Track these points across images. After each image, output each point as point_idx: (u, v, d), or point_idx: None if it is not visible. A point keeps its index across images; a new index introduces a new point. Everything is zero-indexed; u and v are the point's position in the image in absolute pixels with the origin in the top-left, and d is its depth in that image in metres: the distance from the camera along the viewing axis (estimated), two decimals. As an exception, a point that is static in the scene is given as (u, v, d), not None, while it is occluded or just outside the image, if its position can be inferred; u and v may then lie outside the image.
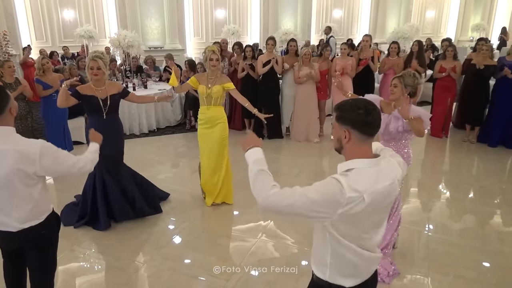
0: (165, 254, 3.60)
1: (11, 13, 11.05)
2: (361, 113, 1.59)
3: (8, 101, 2.10)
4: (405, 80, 3.20)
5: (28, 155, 2.04)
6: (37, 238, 2.23)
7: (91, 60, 3.67)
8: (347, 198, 1.52)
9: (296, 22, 14.54)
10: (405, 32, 9.86)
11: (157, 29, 12.34)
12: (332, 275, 1.69)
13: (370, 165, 1.62)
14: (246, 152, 1.78)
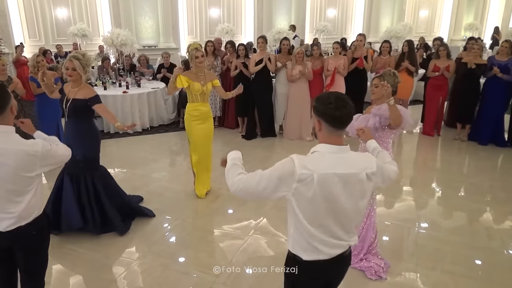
0: (157, 251, 3.63)
1: (3, 11, 11.00)
2: (331, 107, 1.74)
3: (9, 99, 2.10)
4: (385, 79, 3.18)
5: (30, 153, 2.06)
6: (27, 239, 2.21)
7: (67, 60, 3.56)
8: (299, 174, 1.71)
9: (290, 21, 14.56)
10: (398, 31, 9.92)
11: (151, 28, 12.33)
12: (294, 246, 1.89)
13: (332, 151, 1.79)
14: (227, 156, 2.06)
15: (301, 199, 1.76)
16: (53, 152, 2.19)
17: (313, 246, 1.83)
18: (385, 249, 3.68)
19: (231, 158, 2.01)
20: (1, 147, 2.03)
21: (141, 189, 4.85)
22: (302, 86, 6.70)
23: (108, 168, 5.71)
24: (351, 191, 1.79)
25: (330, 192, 1.75)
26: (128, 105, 7.21)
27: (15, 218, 2.12)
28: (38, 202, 2.24)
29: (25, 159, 2.06)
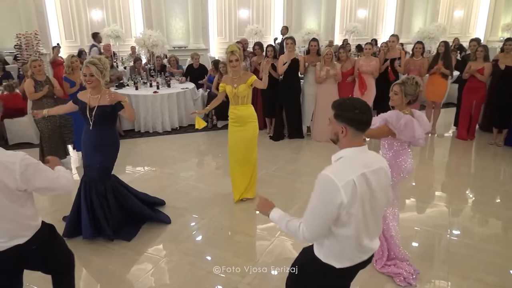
0: (184, 250, 3.67)
1: (42, 13, 11.45)
2: (357, 112, 1.85)
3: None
4: (406, 88, 3.08)
5: (8, 166, 1.92)
6: (30, 255, 2.15)
7: (85, 66, 3.41)
8: (342, 187, 1.75)
9: (320, 22, 14.46)
10: (431, 32, 9.66)
11: (181, 29, 12.54)
12: (326, 256, 1.94)
13: (359, 152, 1.89)
14: (269, 216, 2.12)
15: (350, 210, 1.79)
16: (39, 172, 2.02)
17: (350, 254, 1.91)
18: (414, 255, 3.59)
19: (278, 218, 2.06)
20: None
21: (169, 188, 4.93)
22: (330, 88, 6.63)
23: (137, 166, 5.89)
24: (382, 184, 1.91)
25: (370, 190, 1.84)
26: (158, 105, 7.34)
27: (9, 236, 2.04)
28: (31, 218, 2.13)
29: (2, 173, 1.91)
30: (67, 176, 2.20)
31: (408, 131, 3.00)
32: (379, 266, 3.34)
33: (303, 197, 4.68)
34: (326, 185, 1.77)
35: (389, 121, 3.05)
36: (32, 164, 2.00)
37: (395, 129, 3.03)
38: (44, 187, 2.07)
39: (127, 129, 7.50)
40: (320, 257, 1.96)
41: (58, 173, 2.16)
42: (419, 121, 3.10)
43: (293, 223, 1.94)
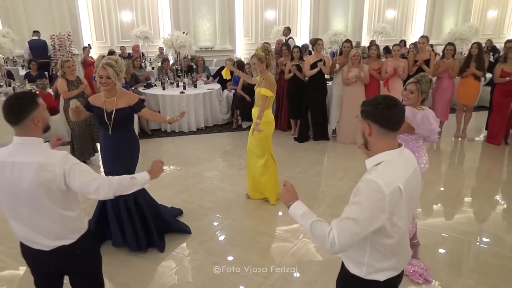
0: (208, 249, 3.70)
1: (74, 15, 11.81)
2: (380, 107, 1.66)
3: (32, 109, 1.92)
4: (422, 86, 3.09)
5: (48, 167, 1.89)
6: (73, 259, 2.10)
7: (101, 67, 3.22)
8: (388, 195, 1.58)
9: (347, 22, 14.31)
10: (463, 33, 9.37)
11: (208, 30, 12.66)
12: (369, 273, 1.76)
13: (397, 155, 1.70)
14: (288, 209, 1.82)
15: (393, 218, 1.63)
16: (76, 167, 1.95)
17: (393, 263, 1.76)
18: (441, 262, 3.50)
19: (300, 215, 1.75)
20: (20, 161, 1.90)
21: (194, 187, 4.99)
22: (357, 89, 6.55)
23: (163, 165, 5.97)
24: (417, 186, 1.80)
25: (411, 196, 1.71)
26: (185, 105, 7.44)
27: (54, 236, 2.01)
28: (78, 220, 2.11)
29: (43, 172, 1.89)
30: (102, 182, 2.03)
31: (425, 124, 3.04)
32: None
33: (327, 200, 4.64)
34: (373, 192, 1.59)
35: (406, 117, 2.98)
36: (72, 165, 1.94)
37: (413, 123, 3.04)
38: (78, 189, 2.01)
39: (154, 128, 7.64)
40: (362, 276, 1.77)
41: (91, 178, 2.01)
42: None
43: (321, 225, 1.65)
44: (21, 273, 3.34)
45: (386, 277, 1.76)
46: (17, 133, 1.95)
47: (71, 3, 11.67)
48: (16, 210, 1.98)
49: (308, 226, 1.69)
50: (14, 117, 1.91)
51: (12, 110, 1.91)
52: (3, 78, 7.66)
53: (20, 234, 2.06)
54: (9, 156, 1.93)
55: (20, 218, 2.00)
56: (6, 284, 3.22)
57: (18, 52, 10.35)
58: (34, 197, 1.91)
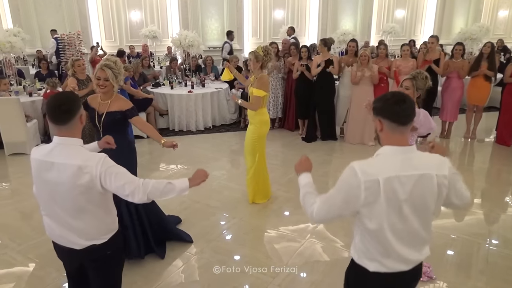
0: (215, 248, 3.71)
1: (84, 14, 11.91)
2: (390, 102, 1.70)
3: (79, 107, 1.95)
4: (417, 82, 3.11)
5: (85, 170, 1.89)
6: (102, 259, 2.10)
7: (99, 69, 3.11)
8: (364, 183, 1.64)
9: (356, 22, 14.24)
10: (473, 33, 9.27)
11: (216, 30, 12.68)
12: (360, 258, 1.82)
13: (396, 153, 1.71)
14: (298, 177, 2.03)
15: (371, 208, 1.68)
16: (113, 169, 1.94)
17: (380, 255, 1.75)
18: (450, 264, 3.47)
19: (303, 185, 1.95)
20: (59, 162, 1.91)
21: (201, 186, 4.95)
22: (366, 89, 6.51)
23: (171, 164, 6.01)
24: (423, 192, 1.68)
25: (404, 195, 1.66)
26: (193, 104, 7.46)
27: (87, 236, 2.02)
28: (111, 220, 2.12)
29: (81, 174, 1.89)
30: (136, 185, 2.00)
31: (426, 123, 3.06)
32: None
33: (334, 200, 4.62)
34: (349, 177, 1.69)
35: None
36: (109, 167, 1.93)
37: (416, 124, 3.00)
38: (114, 191, 2.00)
39: (162, 127, 7.67)
40: (355, 258, 1.84)
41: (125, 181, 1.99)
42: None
43: (310, 198, 1.84)
44: (30, 270, 3.37)
45: (375, 269, 1.76)
46: (60, 133, 1.94)
47: (81, 2, 11.78)
48: (51, 208, 2.00)
49: (302, 195, 1.89)
50: (65, 116, 1.90)
51: (61, 109, 1.89)
52: (14, 77, 7.74)
53: (52, 232, 2.07)
54: (49, 155, 1.94)
55: (54, 217, 2.01)
56: (15, 280, 3.26)
57: (29, 51, 10.47)
58: (71, 198, 1.92)
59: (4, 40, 7.04)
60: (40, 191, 2.01)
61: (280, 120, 7.69)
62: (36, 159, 1.99)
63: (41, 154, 1.97)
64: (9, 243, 3.79)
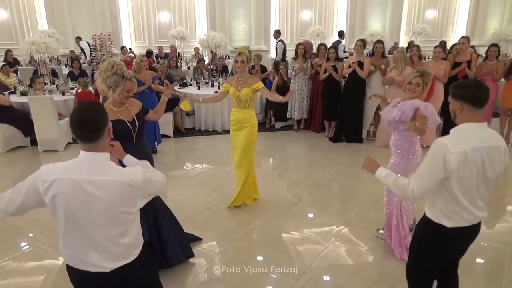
0: (238, 248, 3.72)
1: (115, 16, 12.22)
2: (472, 90, 2.07)
3: (106, 123, 1.80)
4: (426, 79, 3.32)
5: (131, 184, 1.79)
6: (133, 274, 1.96)
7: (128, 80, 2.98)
8: (454, 153, 1.99)
9: (385, 23, 14.00)
10: (509, 33, 8.95)
11: (243, 30, 12.75)
12: (439, 218, 2.17)
13: (476, 127, 2.10)
14: (374, 174, 2.39)
15: (458, 175, 2.03)
16: (153, 179, 1.91)
17: (459, 212, 2.12)
18: (480, 272, 3.36)
19: (384, 175, 2.31)
20: (95, 179, 1.74)
21: (226, 186, 5.03)
22: (400, 92, 6.35)
23: (196, 163, 6.07)
24: (496, 161, 2.08)
25: (482, 163, 2.04)
26: (219, 104, 7.50)
27: (119, 256, 1.89)
28: (139, 234, 1.99)
29: (123, 192, 1.78)
30: (158, 173, 2.01)
31: (433, 115, 3.27)
32: (402, 256, 3.43)
33: (360, 204, 4.55)
34: (441, 151, 2.02)
35: (419, 108, 3.25)
36: (150, 178, 1.88)
37: (426, 115, 3.24)
38: (154, 193, 1.97)
39: (188, 127, 7.77)
40: (433, 218, 2.19)
41: (153, 173, 1.96)
42: None
43: (402, 180, 2.19)
44: (60, 263, 3.48)
45: (453, 225, 2.15)
46: (87, 148, 1.78)
47: (112, 4, 12.09)
48: (79, 232, 1.82)
49: (392, 181, 2.24)
50: (93, 133, 1.75)
51: (88, 126, 1.74)
52: (48, 76, 8.02)
53: (76, 260, 1.89)
54: (82, 173, 1.76)
55: (81, 241, 1.83)
56: (46, 273, 3.37)
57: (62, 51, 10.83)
58: (108, 215, 1.78)
59: (39, 41, 7.31)
60: (69, 214, 1.78)
61: (305, 122, 7.65)
62: (68, 179, 1.75)
63: (70, 172, 1.77)
64: (41, 236, 3.92)
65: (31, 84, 7.12)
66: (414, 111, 3.25)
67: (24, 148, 6.66)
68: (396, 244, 3.51)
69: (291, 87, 7.37)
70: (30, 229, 4.05)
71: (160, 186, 1.99)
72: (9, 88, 7.58)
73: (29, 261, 3.53)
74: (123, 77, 2.93)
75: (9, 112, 6.43)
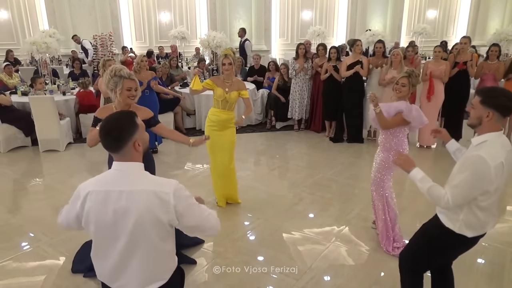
0: (239, 248, 3.72)
1: (116, 16, 12.23)
2: (505, 100, 2.09)
3: (132, 133, 1.72)
4: (412, 80, 3.38)
5: (161, 196, 1.67)
6: None
7: (128, 79, 2.85)
8: (493, 167, 2.01)
9: (386, 23, 14.00)
10: (509, 33, 8.92)
11: (244, 31, 12.71)
12: (460, 227, 2.20)
13: (499, 135, 2.14)
14: (409, 173, 2.30)
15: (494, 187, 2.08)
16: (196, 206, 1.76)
17: (484, 223, 2.18)
18: (480, 272, 3.35)
19: (419, 178, 2.23)
20: (127, 189, 1.68)
21: (227, 186, 5.02)
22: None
23: (197, 163, 6.07)
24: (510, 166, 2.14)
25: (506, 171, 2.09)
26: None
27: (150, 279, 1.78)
28: (173, 257, 1.89)
29: (156, 202, 1.67)
30: (215, 216, 1.88)
31: (419, 117, 3.33)
32: (387, 248, 3.56)
33: (361, 204, 4.55)
34: (480, 165, 2.02)
35: (403, 111, 3.32)
36: (186, 197, 1.74)
37: (410, 118, 3.31)
38: (194, 225, 1.79)
39: (189, 127, 7.77)
40: (455, 229, 2.21)
41: (208, 211, 1.85)
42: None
43: (438, 189, 2.15)
44: (61, 263, 3.48)
45: (473, 234, 2.20)
46: (117, 158, 1.75)
47: (113, 4, 12.10)
48: (113, 246, 1.75)
49: (426, 188, 2.18)
50: (114, 144, 1.71)
51: (111, 136, 1.70)
52: (49, 76, 8.03)
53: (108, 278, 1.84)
54: (114, 184, 1.71)
55: (112, 258, 1.76)
56: (47, 273, 3.37)
57: (63, 51, 10.84)
58: (138, 229, 1.69)
59: (40, 41, 7.31)
60: (101, 226, 1.74)
61: (306, 122, 7.65)
62: (99, 191, 1.72)
63: (102, 184, 1.74)
64: (41, 236, 3.93)
65: (32, 84, 7.13)
66: (396, 113, 3.36)
67: (25, 148, 6.66)
68: (383, 236, 3.63)
69: (291, 87, 7.38)
70: (31, 229, 4.06)
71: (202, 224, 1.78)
72: (11, 88, 7.59)
73: (30, 261, 3.53)
74: (121, 76, 2.85)
75: (10, 112, 6.44)
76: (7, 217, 4.36)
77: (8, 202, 4.80)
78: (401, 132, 3.46)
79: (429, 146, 6.57)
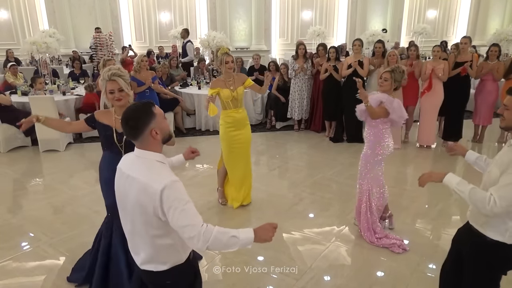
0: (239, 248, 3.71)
1: (116, 16, 12.23)
2: None
3: (148, 122, 1.79)
4: (395, 75, 3.48)
5: (148, 190, 1.73)
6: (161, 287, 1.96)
7: (107, 81, 2.67)
8: None
9: (386, 23, 14.00)
10: (509, 33, 8.93)
11: (244, 30, 12.75)
12: (510, 236, 2.04)
13: None
14: (442, 181, 2.14)
15: None
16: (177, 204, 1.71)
17: None
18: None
19: (456, 183, 2.07)
20: (130, 174, 1.83)
21: (227, 186, 5.02)
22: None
23: (197, 163, 6.07)
24: None
25: None
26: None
27: (144, 259, 1.90)
28: (173, 254, 1.91)
29: (143, 193, 1.75)
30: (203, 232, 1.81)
31: (399, 111, 3.45)
32: (371, 240, 3.69)
33: (361, 203, 4.55)
34: None
35: (384, 102, 3.45)
36: (174, 199, 1.71)
37: (390, 109, 3.43)
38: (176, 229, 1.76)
39: (189, 127, 7.77)
40: (505, 241, 2.05)
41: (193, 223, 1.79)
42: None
43: (480, 192, 1.99)
44: (61, 263, 3.48)
45: None
46: (137, 146, 1.87)
47: (113, 4, 12.10)
48: (124, 218, 1.94)
49: (468, 191, 2.01)
50: (132, 132, 1.82)
51: (128, 125, 1.81)
52: (49, 76, 8.03)
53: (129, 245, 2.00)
54: (126, 167, 1.88)
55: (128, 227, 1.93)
56: (47, 273, 3.37)
57: (63, 51, 10.84)
58: (134, 213, 1.81)
59: (40, 41, 7.32)
60: (117, 199, 1.95)
61: (305, 122, 7.65)
62: (119, 169, 1.92)
63: (122, 163, 1.93)
64: (41, 236, 3.93)
65: (32, 84, 7.13)
66: (378, 103, 3.50)
67: (25, 148, 6.66)
68: (365, 229, 3.74)
69: (291, 87, 7.38)
70: (31, 229, 4.06)
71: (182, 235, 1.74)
72: (13, 88, 7.59)
73: (30, 261, 3.53)
74: (103, 78, 2.71)
75: (10, 112, 6.43)
76: (7, 217, 4.36)
77: (8, 202, 4.80)
78: (382, 124, 3.59)
79: (429, 146, 6.57)
